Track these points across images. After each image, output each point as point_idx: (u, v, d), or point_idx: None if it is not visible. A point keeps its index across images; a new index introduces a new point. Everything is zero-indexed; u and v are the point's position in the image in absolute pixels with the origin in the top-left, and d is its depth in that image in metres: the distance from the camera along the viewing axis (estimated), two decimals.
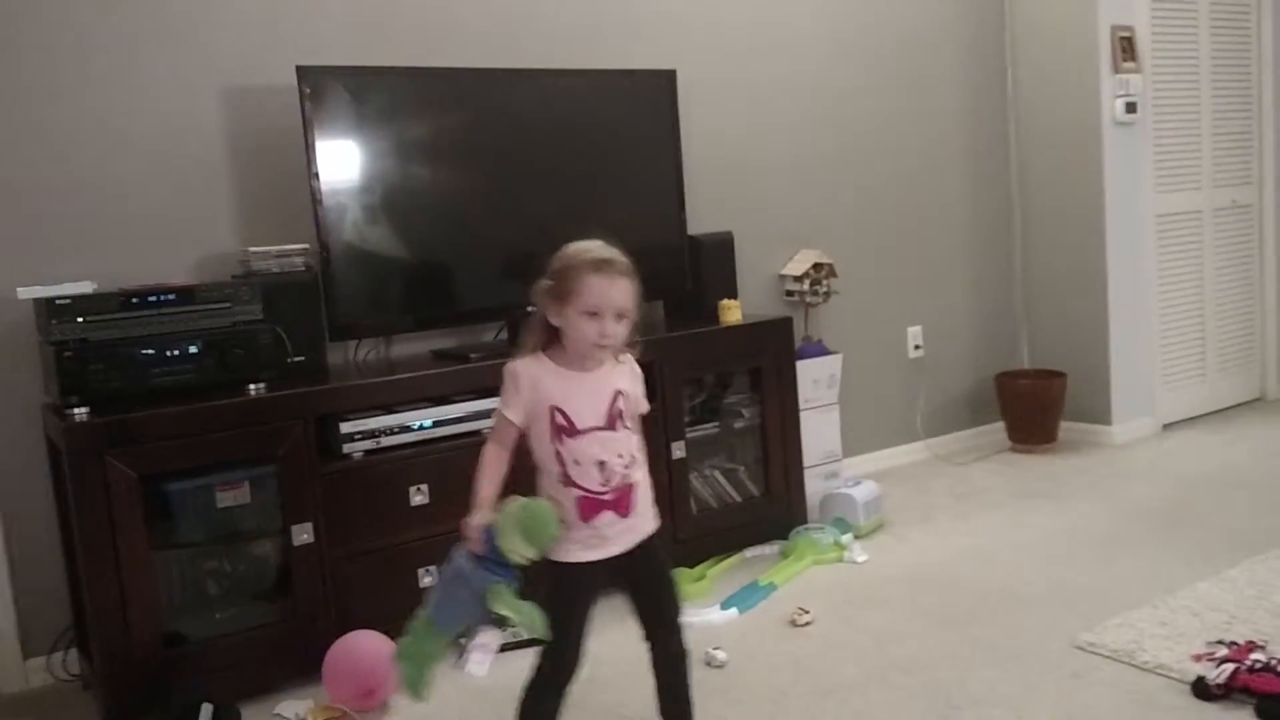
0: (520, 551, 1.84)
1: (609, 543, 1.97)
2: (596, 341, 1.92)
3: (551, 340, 1.97)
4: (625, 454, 1.97)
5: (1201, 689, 2.24)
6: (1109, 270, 4.40)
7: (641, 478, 2.01)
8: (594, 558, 1.96)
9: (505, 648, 2.77)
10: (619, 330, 1.92)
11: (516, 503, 1.87)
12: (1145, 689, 2.30)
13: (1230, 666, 2.25)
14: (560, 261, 1.95)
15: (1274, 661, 2.25)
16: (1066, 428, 4.51)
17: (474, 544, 1.86)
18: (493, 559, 1.85)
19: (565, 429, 1.93)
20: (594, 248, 1.95)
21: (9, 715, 2.68)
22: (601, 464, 1.94)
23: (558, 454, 1.93)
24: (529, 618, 1.86)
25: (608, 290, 1.90)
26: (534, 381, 1.95)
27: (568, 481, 1.94)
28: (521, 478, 1.98)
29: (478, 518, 1.88)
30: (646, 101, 3.42)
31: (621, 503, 1.97)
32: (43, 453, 2.76)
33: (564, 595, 1.99)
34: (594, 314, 1.90)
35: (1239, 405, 4.95)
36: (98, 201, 2.86)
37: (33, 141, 2.78)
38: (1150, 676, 2.36)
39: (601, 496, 1.94)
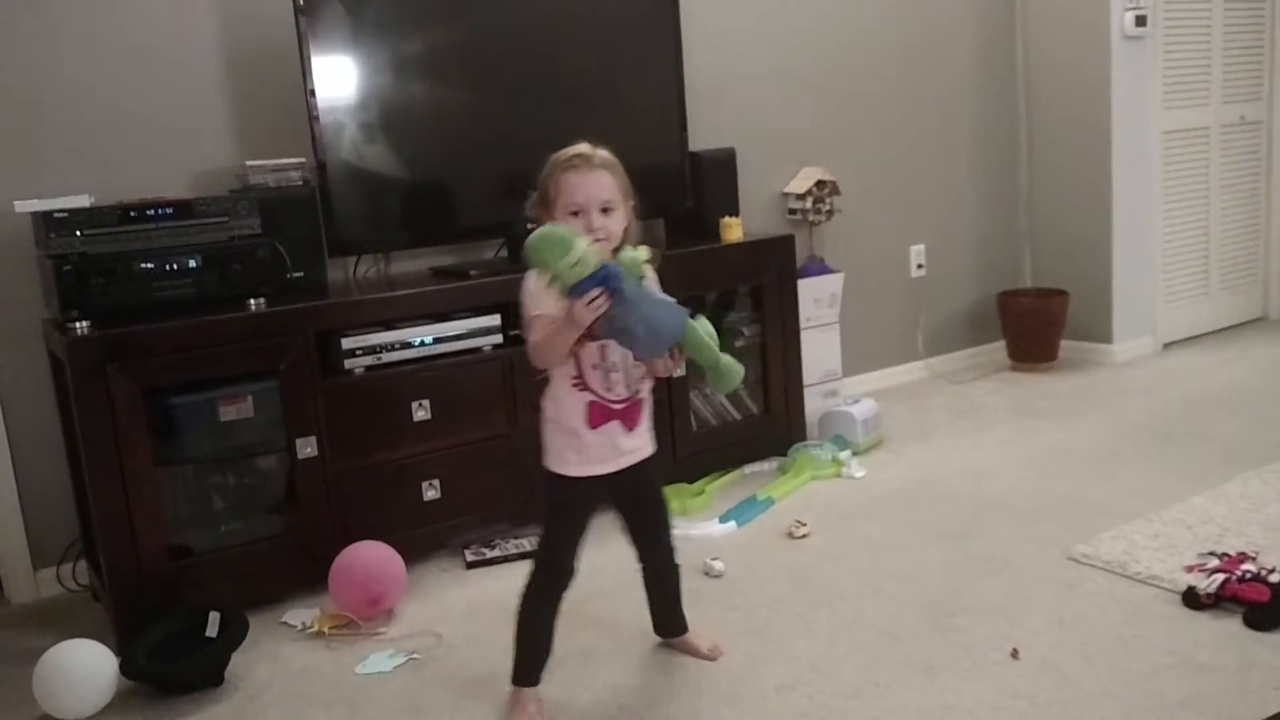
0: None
1: (608, 459, 2.00)
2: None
3: None
4: (641, 365, 1.99)
5: (1192, 598, 2.27)
6: (1114, 188, 4.35)
7: (648, 396, 2.04)
8: (592, 472, 2.00)
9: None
10: (608, 224, 1.92)
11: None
12: (1136, 598, 2.34)
13: (1221, 577, 2.28)
14: (543, 171, 1.96)
15: (1264, 571, 2.28)
16: (1067, 346, 4.52)
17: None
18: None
19: (585, 332, 1.93)
20: (571, 149, 1.95)
21: (21, 624, 2.74)
22: (615, 368, 1.96)
23: (575, 357, 1.94)
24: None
25: (584, 185, 1.90)
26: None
27: (582, 386, 1.96)
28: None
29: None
30: (648, 11, 3.36)
31: (629, 415, 2.00)
32: (45, 367, 2.77)
33: (560, 507, 2.03)
34: (577, 212, 1.91)
35: (1240, 325, 4.95)
36: (93, 115, 2.83)
37: (28, 55, 2.74)
38: (1142, 587, 2.39)
39: (612, 405, 1.97)
